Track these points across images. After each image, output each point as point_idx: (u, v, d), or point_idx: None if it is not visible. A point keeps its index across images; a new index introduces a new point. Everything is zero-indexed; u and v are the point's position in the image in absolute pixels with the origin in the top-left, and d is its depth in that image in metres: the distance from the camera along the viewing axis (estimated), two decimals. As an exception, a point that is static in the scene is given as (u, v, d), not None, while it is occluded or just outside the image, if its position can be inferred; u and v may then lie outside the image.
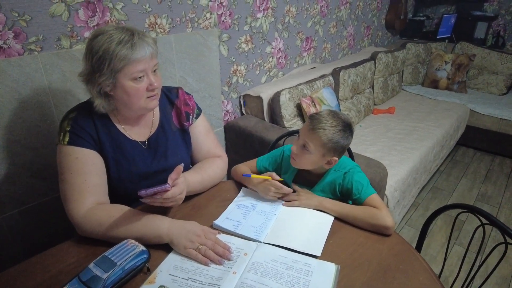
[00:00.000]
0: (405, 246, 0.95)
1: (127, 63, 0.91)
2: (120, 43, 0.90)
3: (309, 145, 1.04)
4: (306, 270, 0.84)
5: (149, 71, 0.96)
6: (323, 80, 2.40)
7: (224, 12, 1.91)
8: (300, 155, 1.08)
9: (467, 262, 1.14)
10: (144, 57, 0.93)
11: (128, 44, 0.90)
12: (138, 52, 0.91)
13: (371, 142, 2.41)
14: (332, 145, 1.03)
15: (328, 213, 1.05)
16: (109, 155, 1.02)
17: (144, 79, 0.96)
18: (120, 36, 0.90)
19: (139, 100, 0.97)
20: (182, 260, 0.86)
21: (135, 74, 0.93)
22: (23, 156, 1.30)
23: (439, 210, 1.12)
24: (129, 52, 0.90)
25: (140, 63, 0.93)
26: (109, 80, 0.93)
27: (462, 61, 3.46)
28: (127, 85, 0.94)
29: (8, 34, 1.17)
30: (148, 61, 0.94)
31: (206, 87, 1.91)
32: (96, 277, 0.75)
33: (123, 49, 0.90)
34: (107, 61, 0.90)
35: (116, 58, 0.90)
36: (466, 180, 2.82)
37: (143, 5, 1.53)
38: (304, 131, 1.07)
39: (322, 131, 1.03)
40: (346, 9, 3.00)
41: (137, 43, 0.91)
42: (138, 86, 0.95)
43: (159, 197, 0.87)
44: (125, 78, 0.93)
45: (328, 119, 1.05)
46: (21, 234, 1.37)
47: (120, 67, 0.91)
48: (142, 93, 0.96)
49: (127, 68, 0.92)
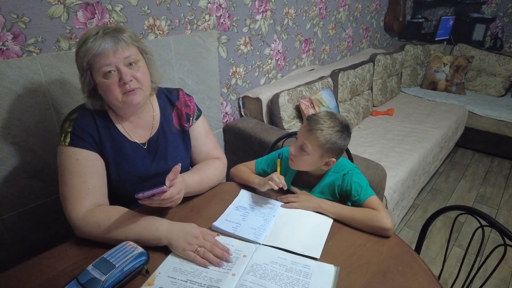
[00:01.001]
0: (404, 248, 0.95)
1: (90, 58, 0.91)
2: (85, 41, 0.91)
3: (307, 146, 1.04)
4: (306, 272, 0.84)
5: (119, 65, 0.93)
6: (322, 82, 2.41)
7: (223, 14, 1.92)
8: (298, 156, 1.08)
9: (466, 263, 1.14)
10: (105, 49, 0.91)
11: (90, 40, 0.91)
12: (98, 45, 0.90)
13: (370, 144, 2.41)
14: (329, 146, 1.04)
15: (327, 215, 1.05)
16: (109, 156, 1.02)
17: (115, 74, 0.94)
18: (88, 34, 0.92)
19: (114, 96, 0.95)
20: (181, 262, 0.86)
21: (102, 69, 0.92)
22: (21, 158, 1.30)
23: (438, 212, 1.12)
24: (90, 46, 0.90)
25: (102, 57, 0.91)
26: (87, 79, 0.95)
27: (460, 63, 3.47)
28: (100, 81, 0.94)
29: (7, 35, 1.17)
30: (111, 54, 0.92)
31: (205, 89, 1.91)
32: (95, 279, 0.75)
33: (86, 45, 0.91)
34: (78, 60, 0.93)
35: (80, 56, 0.92)
36: (465, 182, 2.82)
37: (142, 7, 1.53)
38: (302, 132, 1.08)
39: (319, 132, 1.03)
40: (344, 11, 3.01)
41: (99, 38, 0.91)
42: (108, 82, 0.94)
43: (157, 198, 0.87)
44: (97, 75, 0.94)
45: (326, 120, 1.05)
46: (19, 236, 1.37)
47: (86, 63, 0.92)
48: (113, 88, 0.94)
49: (93, 64, 0.92)
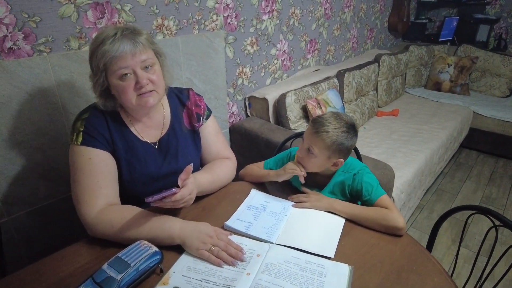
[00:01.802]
0: (417, 247, 0.95)
1: (108, 61, 0.91)
2: (102, 42, 0.90)
3: (313, 149, 1.04)
4: (320, 271, 0.84)
5: (136, 68, 0.93)
6: (328, 82, 2.41)
7: (230, 14, 1.92)
8: (305, 159, 1.08)
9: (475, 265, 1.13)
10: (124, 52, 0.90)
11: (109, 41, 0.90)
12: (117, 48, 0.90)
13: (376, 144, 2.41)
14: (336, 147, 1.03)
15: (339, 214, 1.04)
16: (121, 156, 1.02)
17: (132, 76, 0.94)
18: (105, 34, 0.91)
19: (128, 99, 0.95)
20: (195, 261, 0.86)
21: (119, 72, 0.92)
22: (31, 158, 1.30)
23: (450, 212, 1.12)
24: (108, 48, 0.89)
25: (120, 60, 0.91)
26: (101, 79, 0.94)
27: (464, 63, 3.47)
28: (115, 83, 0.94)
29: (18, 35, 1.17)
30: (129, 57, 0.91)
31: (212, 89, 1.91)
32: (111, 278, 0.75)
33: (103, 47, 0.90)
34: (92, 60, 0.92)
35: (97, 57, 0.91)
36: (470, 182, 2.82)
37: (150, 7, 1.53)
38: (308, 135, 1.07)
39: (325, 134, 1.03)
40: (349, 11, 3.01)
41: (118, 40, 0.90)
42: (124, 84, 0.93)
43: (168, 200, 0.87)
44: (112, 76, 0.93)
45: (331, 121, 1.04)
46: (28, 235, 1.37)
47: (102, 65, 0.91)
48: (129, 91, 0.94)
49: (110, 66, 0.91)
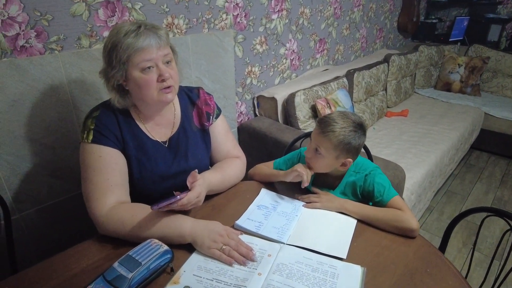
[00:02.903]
0: (431, 249, 0.93)
1: (132, 52, 0.91)
2: (126, 34, 0.90)
3: (321, 149, 1.03)
4: (332, 272, 0.82)
5: (159, 62, 0.94)
6: (337, 82, 2.39)
7: (239, 13, 1.91)
8: (313, 159, 1.07)
9: (484, 267, 1.11)
10: (149, 45, 0.91)
11: (133, 34, 0.90)
12: (142, 40, 0.91)
13: (386, 145, 2.38)
14: (344, 147, 1.02)
15: (351, 215, 1.03)
16: (132, 154, 1.02)
17: (154, 70, 0.94)
18: (128, 28, 0.91)
19: (150, 92, 0.96)
20: (205, 260, 0.85)
21: (142, 64, 0.92)
22: (41, 155, 1.30)
23: (464, 213, 1.10)
24: (133, 41, 0.90)
25: (145, 52, 0.91)
26: (120, 72, 0.94)
27: (476, 64, 3.42)
28: (137, 76, 0.93)
29: (31, 33, 1.18)
30: (154, 50, 0.92)
31: (221, 88, 1.91)
32: (121, 277, 0.74)
33: (127, 39, 0.90)
34: (114, 52, 0.91)
35: (121, 48, 0.90)
36: (481, 184, 2.77)
37: (161, 6, 1.53)
38: (315, 135, 1.06)
39: (332, 134, 1.01)
40: (359, 11, 2.99)
41: (142, 33, 0.91)
42: (147, 77, 0.94)
43: (175, 205, 0.87)
44: (134, 69, 0.93)
45: (338, 120, 1.03)
46: (38, 233, 1.37)
47: (125, 56, 0.91)
48: (152, 84, 0.95)
49: (134, 58, 0.91)
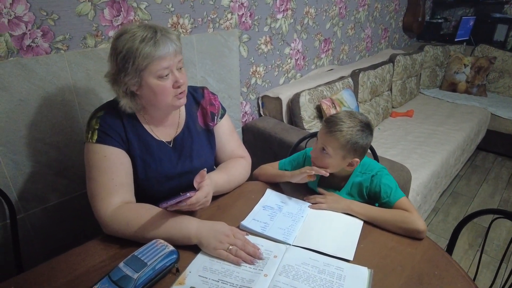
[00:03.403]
0: (439, 252, 0.92)
1: (151, 61, 0.90)
2: (143, 41, 0.88)
3: (328, 149, 1.02)
4: (339, 274, 0.82)
5: (174, 68, 0.94)
6: (342, 82, 2.37)
7: (244, 12, 1.91)
8: (320, 159, 1.06)
9: (492, 269, 1.10)
10: (168, 53, 0.91)
11: (151, 42, 0.89)
12: (162, 49, 0.90)
13: (391, 145, 2.37)
14: (351, 146, 1.01)
15: (357, 216, 1.02)
16: (136, 154, 1.01)
17: (170, 76, 0.94)
18: (143, 33, 0.89)
19: (166, 98, 0.96)
20: (211, 261, 0.84)
21: (160, 72, 0.92)
22: (46, 154, 1.31)
23: (472, 215, 1.09)
24: (152, 50, 0.89)
25: (164, 60, 0.91)
26: (135, 79, 0.92)
27: (482, 64, 3.39)
28: (153, 83, 0.93)
29: (37, 32, 1.18)
30: (172, 57, 0.92)
31: (226, 88, 1.90)
32: (127, 277, 0.74)
33: (146, 47, 0.88)
34: (131, 59, 0.89)
35: (140, 56, 0.88)
36: (488, 186, 2.75)
37: (166, 5, 1.53)
38: (321, 135, 1.05)
39: (339, 133, 1.00)
40: (364, 11, 2.97)
41: (160, 40, 0.90)
42: (164, 84, 0.93)
43: (183, 204, 0.86)
44: (150, 76, 0.92)
45: (345, 120, 1.02)
46: (43, 232, 1.38)
47: (144, 65, 0.90)
48: (169, 90, 0.95)
49: (152, 66, 0.90)
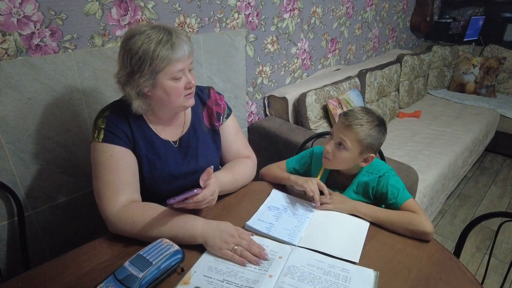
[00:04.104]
0: (446, 254, 0.91)
1: (168, 63, 0.90)
2: (159, 43, 0.89)
3: (346, 142, 1.02)
4: (344, 275, 0.81)
5: (186, 70, 0.96)
6: (349, 82, 2.36)
7: (251, 12, 1.90)
8: (335, 154, 1.05)
9: (501, 273, 1.08)
10: (184, 56, 0.92)
11: (168, 44, 0.89)
12: (178, 51, 0.91)
13: (398, 146, 2.35)
14: (370, 141, 1.01)
15: (363, 218, 1.01)
16: (142, 154, 1.02)
17: (182, 77, 0.95)
18: (158, 35, 0.89)
19: (178, 99, 0.97)
20: (216, 261, 0.84)
21: (176, 74, 0.93)
22: (54, 153, 1.32)
23: (480, 218, 1.07)
24: (170, 52, 0.89)
25: (180, 63, 0.92)
26: (149, 81, 0.93)
27: (491, 64, 3.35)
28: (167, 84, 0.93)
29: (45, 32, 1.19)
30: (186, 59, 0.94)
31: (232, 87, 1.90)
32: (132, 276, 0.74)
33: (163, 49, 0.89)
34: (147, 61, 0.89)
35: (157, 58, 0.89)
36: (496, 188, 2.71)
37: (173, 4, 1.53)
38: (339, 129, 1.05)
39: (359, 127, 1.00)
40: (371, 10, 2.95)
41: (176, 43, 0.91)
42: (177, 85, 0.95)
43: (190, 201, 0.86)
44: (165, 78, 0.93)
45: (364, 115, 1.03)
46: (50, 229, 1.39)
47: (161, 67, 0.90)
48: (181, 91, 0.96)
49: (168, 68, 0.91)
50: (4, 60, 1.13)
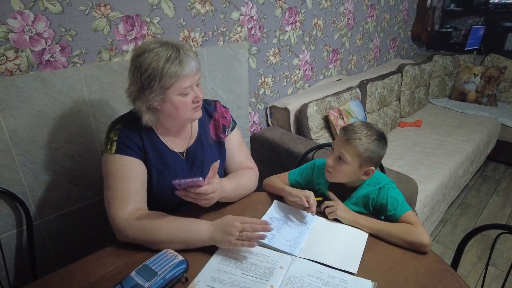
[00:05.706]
0: (443, 266, 0.93)
1: (177, 80, 0.95)
2: (168, 60, 0.93)
3: (345, 157, 1.05)
4: (343, 286, 0.84)
5: (194, 85, 1.00)
6: (350, 92, 2.40)
7: (254, 25, 1.95)
8: (336, 168, 1.08)
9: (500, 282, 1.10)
10: (191, 72, 0.97)
11: (176, 61, 0.93)
12: (186, 68, 0.95)
13: (398, 156, 2.37)
14: (369, 155, 1.04)
15: (362, 229, 1.04)
16: (152, 164, 1.06)
17: (190, 92, 0.99)
18: (167, 53, 0.93)
19: (186, 113, 1.01)
20: (219, 271, 0.87)
21: (184, 90, 0.97)
22: (62, 163, 1.36)
23: (477, 229, 1.09)
24: (178, 69, 0.94)
25: (188, 79, 0.96)
26: (159, 97, 0.97)
27: (492, 73, 3.37)
28: (176, 99, 0.98)
29: (56, 48, 1.24)
30: (194, 75, 0.98)
31: (235, 98, 1.94)
32: (139, 286, 0.77)
33: (172, 66, 0.93)
34: (157, 78, 0.93)
35: (166, 75, 0.93)
36: (498, 197, 2.72)
37: (178, 19, 1.58)
38: (339, 143, 1.08)
39: (358, 141, 1.03)
40: (372, 21, 3.00)
41: (184, 59, 0.95)
42: (185, 100, 0.99)
43: (192, 191, 0.91)
44: (174, 94, 0.97)
45: (362, 129, 1.06)
46: (58, 238, 1.42)
47: (170, 83, 0.95)
48: (189, 105, 1.00)
49: (177, 84, 0.95)
50: (16, 75, 1.17)
